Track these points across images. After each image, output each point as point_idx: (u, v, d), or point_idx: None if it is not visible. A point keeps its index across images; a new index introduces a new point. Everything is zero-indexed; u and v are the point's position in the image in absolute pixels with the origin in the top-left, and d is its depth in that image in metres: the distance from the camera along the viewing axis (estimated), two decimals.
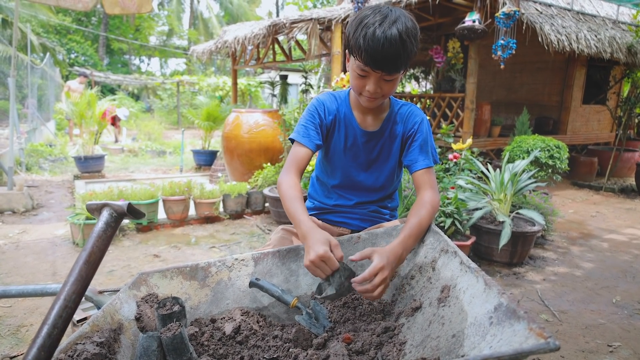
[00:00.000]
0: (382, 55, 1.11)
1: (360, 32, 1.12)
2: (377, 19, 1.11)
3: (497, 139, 6.21)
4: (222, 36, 7.09)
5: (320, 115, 1.35)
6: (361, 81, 1.21)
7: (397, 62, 1.14)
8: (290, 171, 1.27)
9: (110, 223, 0.70)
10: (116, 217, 0.70)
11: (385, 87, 1.21)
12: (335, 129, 1.38)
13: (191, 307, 1.18)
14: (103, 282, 2.78)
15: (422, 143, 1.32)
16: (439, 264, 1.10)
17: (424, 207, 1.20)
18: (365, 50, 1.11)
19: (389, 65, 1.14)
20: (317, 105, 1.37)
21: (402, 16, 1.14)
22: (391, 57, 1.12)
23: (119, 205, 0.69)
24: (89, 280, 0.66)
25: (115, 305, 1.03)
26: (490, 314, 0.80)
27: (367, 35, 1.10)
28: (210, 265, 1.22)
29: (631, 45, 6.19)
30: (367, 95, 1.23)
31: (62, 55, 16.33)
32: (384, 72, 1.16)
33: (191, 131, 12.97)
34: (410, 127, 1.34)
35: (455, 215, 3.14)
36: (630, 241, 4.08)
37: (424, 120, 1.35)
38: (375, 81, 1.19)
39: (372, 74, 1.18)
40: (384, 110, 1.37)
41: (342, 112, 1.37)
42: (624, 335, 2.37)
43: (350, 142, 1.37)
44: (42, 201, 4.82)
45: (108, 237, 0.69)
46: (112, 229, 0.70)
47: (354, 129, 1.36)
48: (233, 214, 4.40)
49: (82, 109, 5.67)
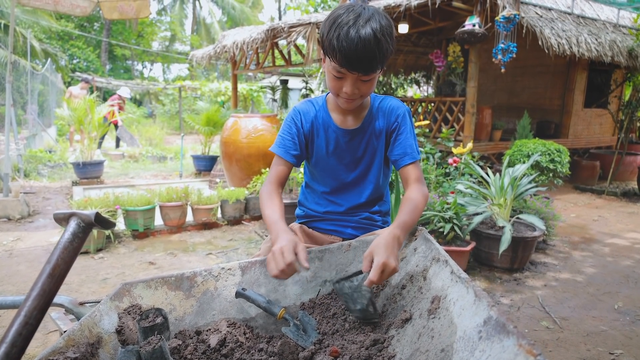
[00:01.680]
0: (357, 57, 1.08)
1: (333, 32, 1.09)
2: (351, 17, 1.08)
3: (498, 143, 6.17)
4: (221, 41, 7.09)
5: (296, 124, 1.33)
6: (338, 83, 1.18)
7: (372, 62, 1.11)
8: (269, 183, 1.30)
9: (78, 234, 0.66)
10: (84, 227, 0.67)
11: (362, 88, 1.19)
12: (315, 135, 1.35)
13: (176, 319, 1.14)
14: (96, 290, 2.75)
15: (407, 137, 1.30)
16: (430, 273, 1.06)
17: (416, 196, 1.20)
18: (340, 51, 1.08)
19: (365, 66, 1.11)
20: (294, 115, 1.35)
21: (375, 14, 1.10)
22: (366, 58, 1.09)
23: (86, 214, 0.66)
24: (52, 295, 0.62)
25: (95, 317, 1.00)
26: (480, 327, 0.77)
27: (340, 36, 1.07)
28: (196, 275, 1.18)
29: (632, 49, 6.16)
30: (344, 97, 1.21)
31: (64, 61, 16.43)
32: (360, 73, 1.13)
33: (192, 136, 12.99)
34: (393, 121, 1.32)
35: (454, 220, 3.10)
36: (633, 246, 4.03)
37: (406, 113, 1.33)
38: (352, 82, 1.16)
39: (348, 76, 1.15)
40: (364, 107, 1.34)
41: (320, 117, 1.35)
42: (626, 343, 2.32)
43: (333, 145, 1.34)
44: (39, 208, 4.80)
45: (75, 249, 0.66)
46: (79, 240, 0.67)
47: (334, 131, 1.34)
48: (231, 220, 4.36)
49: (81, 114, 5.66)
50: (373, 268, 1.00)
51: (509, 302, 2.79)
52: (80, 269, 3.10)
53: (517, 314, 2.63)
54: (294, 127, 1.33)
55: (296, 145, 1.32)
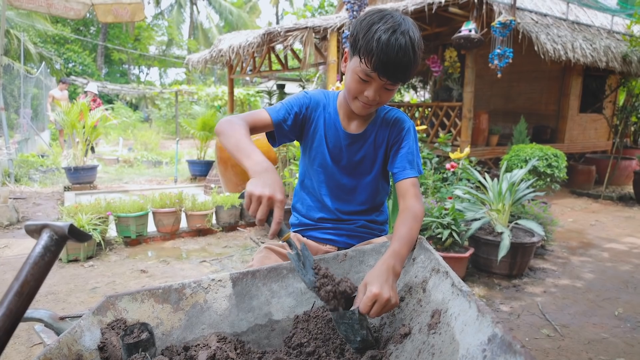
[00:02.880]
0: (393, 63, 1.07)
1: (372, 35, 1.07)
2: (390, 25, 1.07)
3: (495, 148, 6.17)
4: (217, 45, 7.06)
5: (301, 106, 1.29)
6: (361, 86, 1.15)
7: (405, 72, 1.11)
8: (244, 116, 1.20)
9: (50, 247, 0.61)
10: (57, 240, 0.61)
11: (384, 96, 1.17)
12: (320, 126, 1.31)
13: (163, 334, 1.09)
14: (85, 300, 2.68)
15: (409, 151, 1.25)
16: (430, 285, 1.01)
17: (411, 216, 1.14)
18: (377, 55, 1.06)
19: (397, 74, 1.10)
20: (303, 97, 1.31)
21: (413, 26, 1.11)
22: (401, 66, 1.08)
23: (59, 226, 0.61)
24: (20, 315, 0.57)
25: (75, 334, 0.94)
26: (484, 346, 0.72)
27: (380, 40, 1.05)
28: (184, 287, 1.13)
29: (626, 55, 6.20)
30: (363, 101, 1.17)
31: (59, 64, 16.33)
32: (388, 81, 1.11)
33: (189, 141, 12.92)
34: (396, 134, 1.28)
35: (452, 226, 3.06)
36: (631, 250, 4.00)
37: (411, 128, 1.29)
38: (376, 88, 1.14)
39: (375, 81, 1.12)
40: (370, 115, 1.31)
41: (328, 111, 1.32)
42: (628, 350, 2.28)
43: (332, 143, 1.31)
44: (29, 214, 4.71)
45: (47, 264, 0.61)
46: (52, 254, 0.61)
47: (337, 130, 1.30)
48: (226, 226, 4.30)
49: (73, 118, 5.59)
50: (363, 298, 0.94)
51: (508, 309, 2.75)
52: (69, 278, 3.03)
53: (517, 321, 2.59)
54: (297, 105, 1.29)
55: (290, 120, 1.27)
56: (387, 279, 0.97)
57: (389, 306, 0.96)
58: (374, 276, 0.98)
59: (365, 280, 0.99)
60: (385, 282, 0.96)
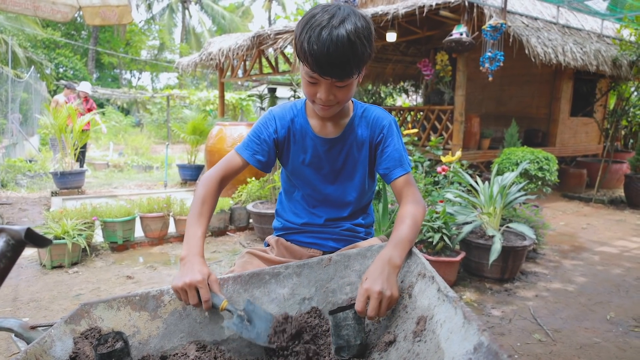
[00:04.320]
0: (328, 61, 0.98)
1: (305, 34, 1.00)
2: (325, 18, 0.98)
3: (486, 152, 6.18)
4: (206, 48, 7.02)
5: (268, 130, 1.24)
6: (312, 88, 1.09)
7: (346, 67, 1.01)
8: (215, 176, 1.18)
9: (6, 252, 0.57)
10: (14, 244, 0.57)
11: (338, 94, 1.09)
12: (291, 142, 1.26)
13: (140, 342, 1.04)
14: (68, 307, 2.60)
15: (395, 149, 1.21)
16: (416, 291, 0.98)
17: (414, 211, 1.11)
18: (311, 55, 0.99)
19: (338, 71, 1.01)
20: (268, 119, 1.26)
21: (351, 15, 1.00)
22: (339, 62, 0.99)
23: (15, 230, 0.57)
24: None
25: (44, 344, 0.89)
26: (470, 355, 0.69)
27: (311, 38, 0.97)
28: (162, 294, 1.09)
29: (616, 59, 6.25)
30: (320, 104, 1.12)
31: (49, 69, 16.18)
32: (334, 79, 1.04)
33: (180, 145, 12.82)
34: (378, 132, 1.23)
35: (443, 230, 3.03)
36: (622, 254, 4.01)
37: (392, 123, 1.24)
38: (326, 88, 1.07)
39: (321, 81, 1.06)
40: (346, 115, 1.25)
41: (298, 122, 1.25)
42: (620, 355, 2.26)
43: (310, 153, 1.25)
44: (14, 219, 4.60)
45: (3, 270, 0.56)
46: (8, 260, 0.57)
47: (312, 139, 1.24)
48: (215, 231, 4.24)
49: (61, 123, 5.50)
50: (358, 296, 0.92)
51: (500, 313, 2.72)
52: (52, 285, 2.95)
53: (509, 326, 2.56)
54: (265, 132, 1.23)
55: (264, 151, 1.23)
56: (381, 272, 0.95)
57: (386, 299, 0.93)
58: (369, 272, 0.96)
59: (365, 275, 0.97)
60: (379, 275, 0.94)
